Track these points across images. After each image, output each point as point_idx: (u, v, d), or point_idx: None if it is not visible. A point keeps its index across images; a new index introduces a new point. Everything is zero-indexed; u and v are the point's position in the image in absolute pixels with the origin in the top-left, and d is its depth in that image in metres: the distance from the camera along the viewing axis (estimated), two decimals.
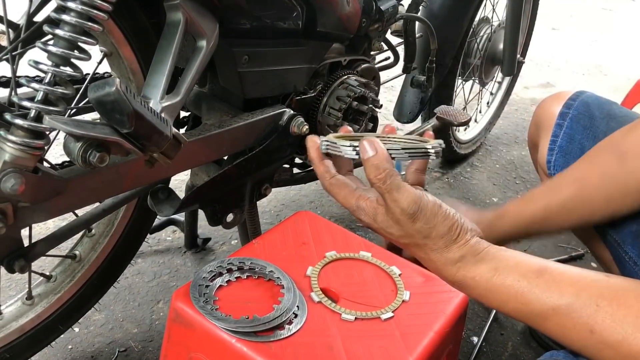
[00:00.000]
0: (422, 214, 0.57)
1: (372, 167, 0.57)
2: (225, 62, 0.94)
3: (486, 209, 0.67)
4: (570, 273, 0.56)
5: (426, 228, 0.57)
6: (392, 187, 0.57)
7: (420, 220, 0.57)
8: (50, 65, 0.64)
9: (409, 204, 0.57)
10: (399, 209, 0.57)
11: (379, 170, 0.57)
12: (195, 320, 0.74)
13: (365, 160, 0.57)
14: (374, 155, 0.57)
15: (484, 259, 0.58)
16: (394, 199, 0.57)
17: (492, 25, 1.80)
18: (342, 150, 0.61)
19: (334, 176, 0.64)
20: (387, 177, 0.56)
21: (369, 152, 0.57)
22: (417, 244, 0.59)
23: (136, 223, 1.05)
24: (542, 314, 0.55)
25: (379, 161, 0.57)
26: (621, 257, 0.85)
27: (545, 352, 0.65)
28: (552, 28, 3.80)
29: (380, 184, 0.57)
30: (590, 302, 0.53)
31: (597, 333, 0.52)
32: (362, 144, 0.58)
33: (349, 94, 1.12)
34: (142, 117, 0.65)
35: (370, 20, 1.16)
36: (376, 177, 0.57)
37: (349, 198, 0.62)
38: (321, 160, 0.64)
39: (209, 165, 1.04)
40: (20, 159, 0.66)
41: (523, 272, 0.56)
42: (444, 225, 0.58)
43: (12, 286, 1.26)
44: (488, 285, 0.57)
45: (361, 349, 0.72)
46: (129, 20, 0.82)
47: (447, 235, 0.58)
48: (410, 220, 0.57)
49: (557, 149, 0.96)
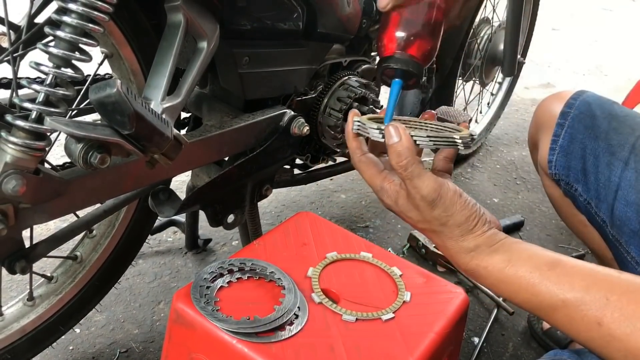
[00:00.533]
0: (441, 202, 0.58)
1: (394, 153, 0.58)
2: (225, 63, 0.94)
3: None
4: (583, 267, 0.57)
5: (444, 216, 0.59)
6: (413, 175, 0.58)
7: (439, 207, 0.59)
8: (51, 67, 0.64)
9: (429, 191, 0.58)
10: (419, 195, 0.59)
11: (401, 158, 0.58)
12: (196, 321, 0.74)
13: (389, 145, 0.59)
14: (398, 142, 0.58)
15: (499, 250, 0.59)
16: (415, 185, 0.58)
17: (492, 25, 1.80)
18: (369, 132, 0.63)
19: (365, 154, 0.65)
20: (409, 165, 0.58)
21: (394, 138, 0.59)
22: (434, 230, 0.61)
23: (137, 224, 1.05)
24: (551, 305, 0.56)
25: (402, 148, 0.58)
26: (623, 257, 0.85)
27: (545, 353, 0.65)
28: (553, 28, 3.79)
29: (401, 171, 0.58)
30: (600, 295, 0.53)
31: (605, 326, 0.52)
32: (388, 129, 0.60)
33: (350, 95, 1.12)
34: (143, 118, 0.65)
35: (371, 21, 1.16)
36: (398, 163, 0.58)
37: (374, 178, 0.64)
38: (355, 137, 0.65)
39: (209, 166, 1.04)
40: (22, 160, 0.66)
41: (536, 264, 0.57)
42: (461, 214, 0.59)
43: (13, 287, 1.26)
44: (500, 275, 0.58)
45: (362, 350, 0.72)
46: (129, 21, 0.82)
47: (464, 225, 0.59)
48: (429, 207, 0.59)
49: (558, 148, 0.96)
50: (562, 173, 0.96)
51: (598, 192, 0.91)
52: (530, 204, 1.86)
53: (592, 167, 0.92)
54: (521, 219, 1.73)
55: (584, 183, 0.93)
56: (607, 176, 0.89)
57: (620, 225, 0.85)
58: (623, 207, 0.86)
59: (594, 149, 0.92)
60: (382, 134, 0.61)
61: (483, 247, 0.59)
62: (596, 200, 0.92)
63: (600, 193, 0.90)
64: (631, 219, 0.84)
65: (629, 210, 0.85)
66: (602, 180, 0.90)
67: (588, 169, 0.93)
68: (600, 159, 0.91)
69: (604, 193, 0.90)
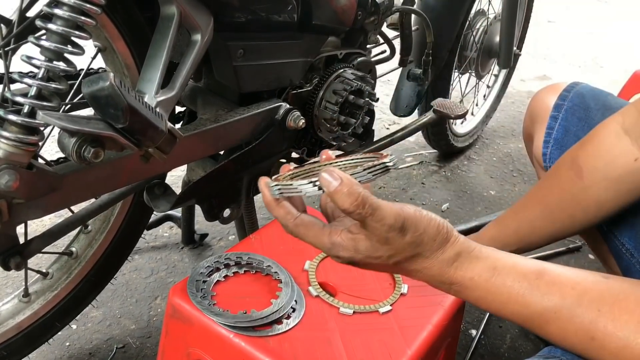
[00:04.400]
0: (409, 223, 0.54)
1: (343, 196, 0.52)
2: (220, 56, 0.93)
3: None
4: (569, 274, 0.55)
5: (417, 236, 0.55)
6: (373, 208, 0.53)
7: (409, 230, 0.54)
8: (44, 61, 0.64)
9: (395, 218, 0.53)
10: (386, 226, 0.53)
11: (354, 197, 0.52)
12: (193, 315, 0.74)
13: (335, 192, 0.52)
14: (340, 184, 0.52)
15: (479, 257, 0.56)
16: (378, 218, 0.53)
17: (488, 17, 1.80)
18: (301, 189, 0.56)
19: (298, 216, 0.58)
20: (366, 200, 0.52)
21: (334, 183, 0.52)
22: (410, 256, 0.56)
23: (133, 219, 1.05)
24: (543, 316, 0.54)
25: (348, 188, 0.52)
26: (618, 249, 0.85)
27: (543, 345, 0.65)
28: (548, 20, 3.79)
29: (359, 210, 0.52)
30: (591, 306, 0.52)
31: (598, 340, 0.52)
32: (322, 176, 0.53)
33: (345, 88, 1.11)
34: (136, 111, 0.64)
35: (366, 13, 1.16)
36: (353, 204, 0.52)
37: (319, 236, 0.57)
38: (279, 203, 0.59)
39: (205, 160, 1.03)
40: (14, 155, 0.65)
41: (523, 272, 0.55)
42: (431, 227, 0.55)
43: (9, 283, 1.26)
44: (487, 285, 0.55)
45: (359, 342, 0.72)
46: (122, 14, 0.81)
47: (438, 236, 0.55)
48: (399, 234, 0.54)
49: (552, 141, 0.96)
50: None
51: None
52: None
53: None
54: None
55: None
56: None
57: (615, 217, 0.85)
58: None
59: None
60: (316, 186, 0.55)
61: (464, 254, 0.56)
62: None
63: None
64: (625, 210, 0.83)
65: None
66: None
67: None
68: None
69: None
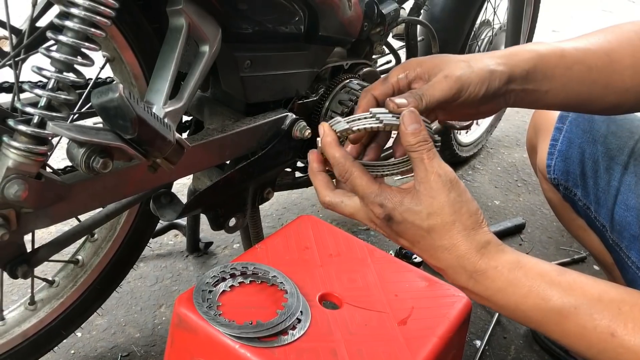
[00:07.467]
0: (457, 185, 0.56)
1: (412, 135, 0.56)
2: (227, 67, 0.94)
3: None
4: (589, 278, 0.56)
5: (459, 201, 0.56)
6: (435, 154, 0.56)
7: (454, 190, 0.56)
8: (53, 71, 0.64)
9: (447, 172, 0.56)
10: (441, 172, 0.56)
11: (421, 136, 0.56)
12: (199, 325, 0.74)
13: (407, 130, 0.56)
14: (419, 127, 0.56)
15: (505, 250, 0.57)
16: (436, 164, 0.56)
17: (493, 28, 1.81)
18: (383, 118, 0.59)
19: (356, 161, 0.61)
20: (431, 145, 0.56)
21: (414, 124, 0.56)
22: (445, 222, 0.56)
23: (138, 228, 1.05)
24: (563, 311, 0.53)
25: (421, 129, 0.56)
26: (623, 262, 0.85)
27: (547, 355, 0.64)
28: (553, 30, 3.80)
29: (425, 148, 0.56)
30: (612, 305, 0.52)
31: (618, 337, 0.51)
32: (404, 113, 0.57)
33: (351, 98, 1.12)
34: (145, 122, 0.65)
35: (372, 24, 1.16)
36: (420, 141, 0.56)
37: (371, 184, 0.59)
38: (339, 144, 0.61)
39: (211, 170, 1.04)
40: (24, 165, 0.66)
41: (545, 269, 0.56)
42: (473, 204, 0.57)
43: (15, 291, 1.26)
44: (510, 276, 0.55)
45: (365, 354, 0.72)
46: (131, 25, 0.82)
47: (474, 216, 0.56)
48: (446, 187, 0.55)
49: (556, 153, 0.96)
50: (561, 178, 0.96)
51: (597, 197, 0.91)
52: (532, 206, 1.86)
53: (591, 172, 0.92)
54: (522, 221, 1.72)
55: (583, 188, 0.93)
56: (607, 180, 0.89)
57: (621, 230, 0.85)
58: (623, 212, 0.86)
59: (593, 153, 0.92)
60: (395, 117, 0.58)
61: (493, 244, 0.56)
62: (595, 204, 0.91)
63: (600, 197, 0.90)
64: (631, 223, 0.83)
65: (629, 214, 0.85)
66: (601, 185, 0.90)
67: (587, 174, 0.92)
68: (599, 163, 0.91)
69: (604, 197, 0.90)
